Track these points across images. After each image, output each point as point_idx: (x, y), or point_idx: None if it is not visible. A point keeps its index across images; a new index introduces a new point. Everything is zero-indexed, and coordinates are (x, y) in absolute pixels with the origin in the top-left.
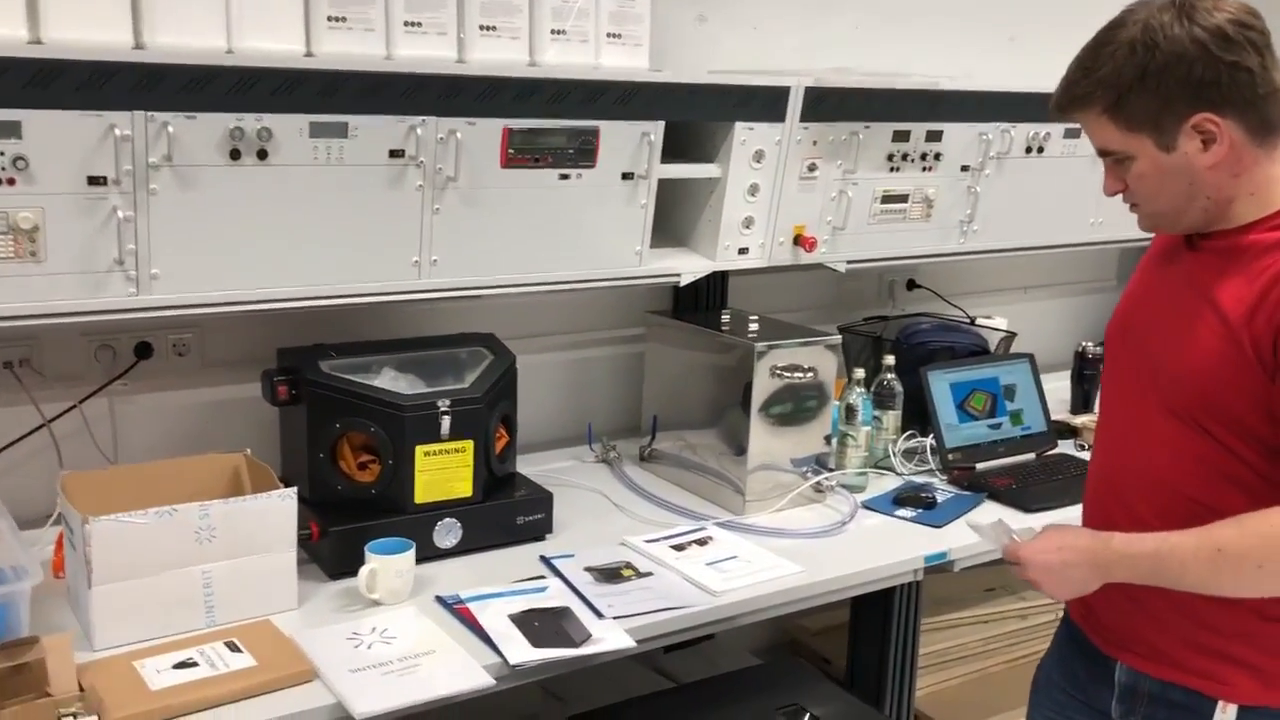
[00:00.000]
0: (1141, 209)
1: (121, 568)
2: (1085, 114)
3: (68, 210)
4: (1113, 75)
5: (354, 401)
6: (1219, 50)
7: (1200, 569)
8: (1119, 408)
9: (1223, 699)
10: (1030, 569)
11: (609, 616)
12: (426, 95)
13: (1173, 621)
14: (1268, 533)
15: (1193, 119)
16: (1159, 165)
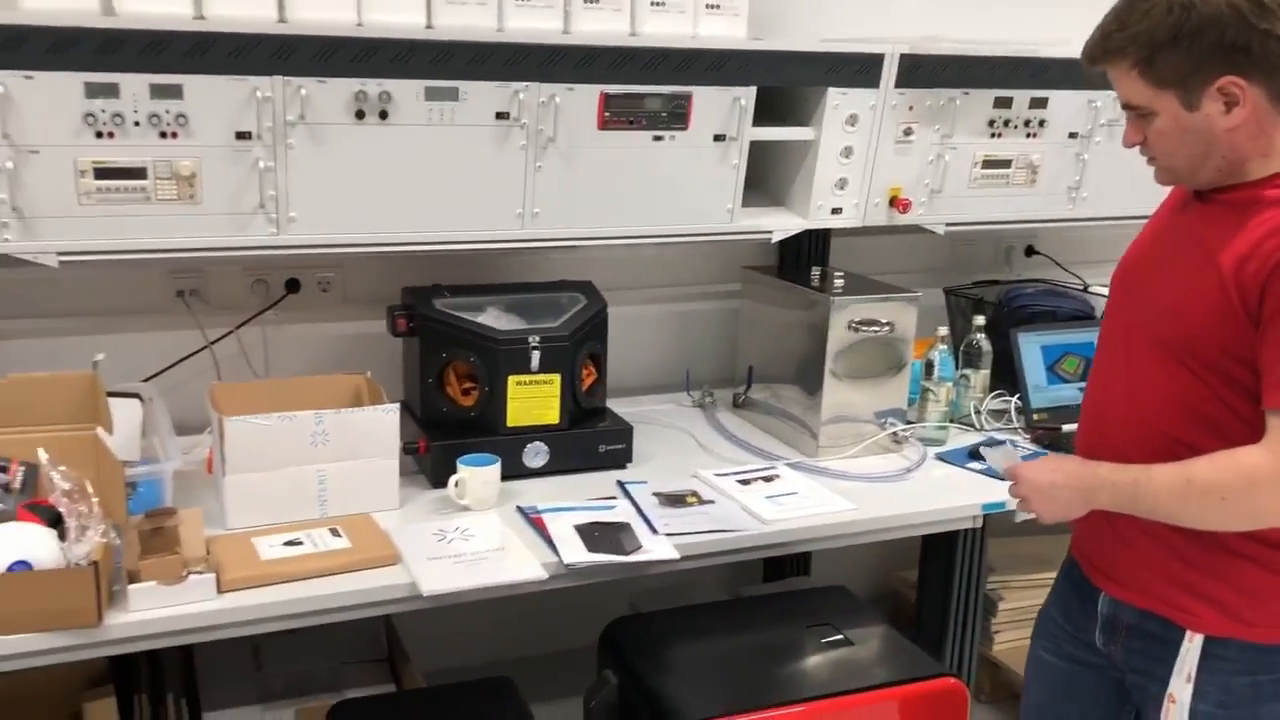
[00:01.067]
0: (1158, 163)
1: (250, 461)
2: (1116, 67)
3: (220, 160)
4: (1147, 33)
5: (458, 335)
6: (1253, 17)
7: (1172, 499)
8: (1114, 346)
9: (1190, 629)
10: (1023, 485)
11: (662, 533)
12: (529, 63)
13: (1151, 555)
14: (1234, 469)
15: (1219, 82)
16: (1180, 123)
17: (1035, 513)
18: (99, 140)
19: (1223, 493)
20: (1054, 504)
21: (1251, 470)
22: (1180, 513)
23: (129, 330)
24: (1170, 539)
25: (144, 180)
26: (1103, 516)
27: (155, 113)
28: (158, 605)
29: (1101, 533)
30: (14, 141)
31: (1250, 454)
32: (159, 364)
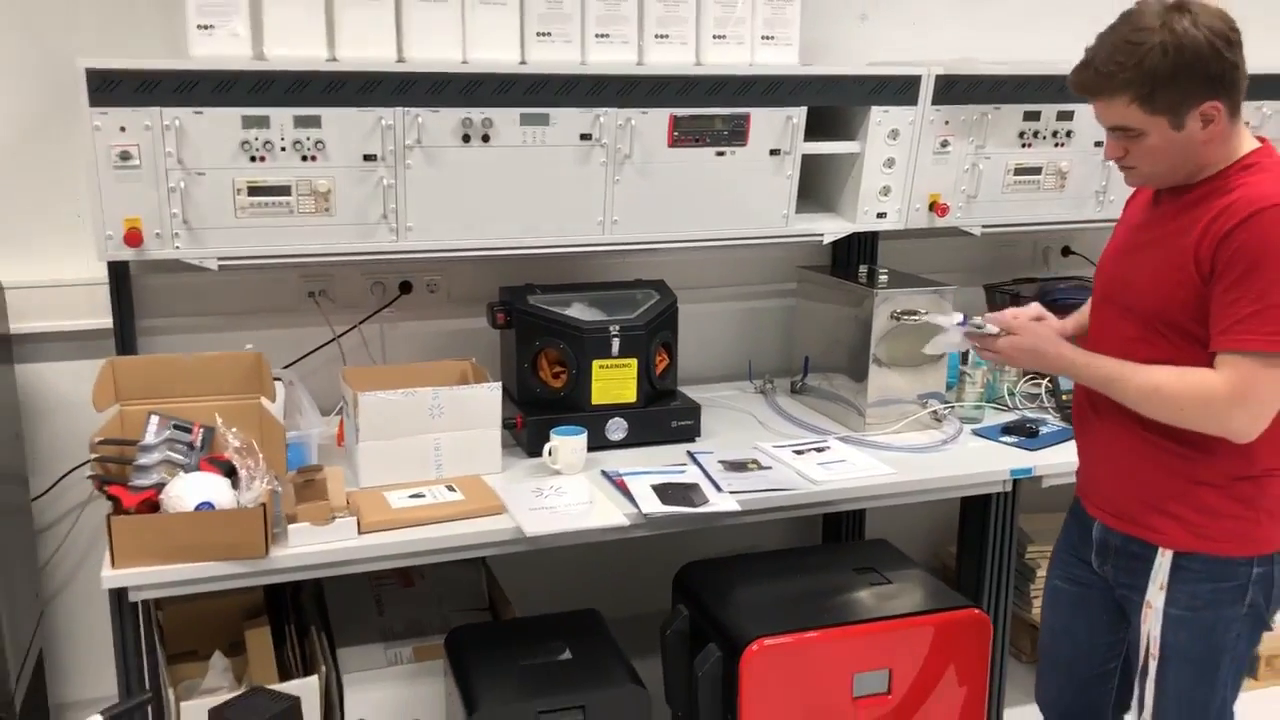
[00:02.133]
0: (1139, 171)
1: (379, 430)
2: (1112, 99)
3: (350, 179)
4: (1148, 72)
5: (549, 325)
6: (1226, 51)
7: (1140, 397)
8: (1102, 318)
9: (1162, 546)
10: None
11: (725, 490)
12: (608, 91)
13: (1132, 487)
14: (1195, 387)
15: (1202, 106)
16: (1169, 140)
17: (1007, 362)
18: (252, 163)
19: (1182, 404)
20: (1022, 360)
21: (1208, 391)
22: (1144, 407)
23: (270, 326)
24: (1148, 474)
25: (288, 196)
26: (1097, 459)
27: (298, 139)
28: (311, 542)
29: (1095, 472)
30: (185, 165)
31: (1209, 377)
32: (294, 354)
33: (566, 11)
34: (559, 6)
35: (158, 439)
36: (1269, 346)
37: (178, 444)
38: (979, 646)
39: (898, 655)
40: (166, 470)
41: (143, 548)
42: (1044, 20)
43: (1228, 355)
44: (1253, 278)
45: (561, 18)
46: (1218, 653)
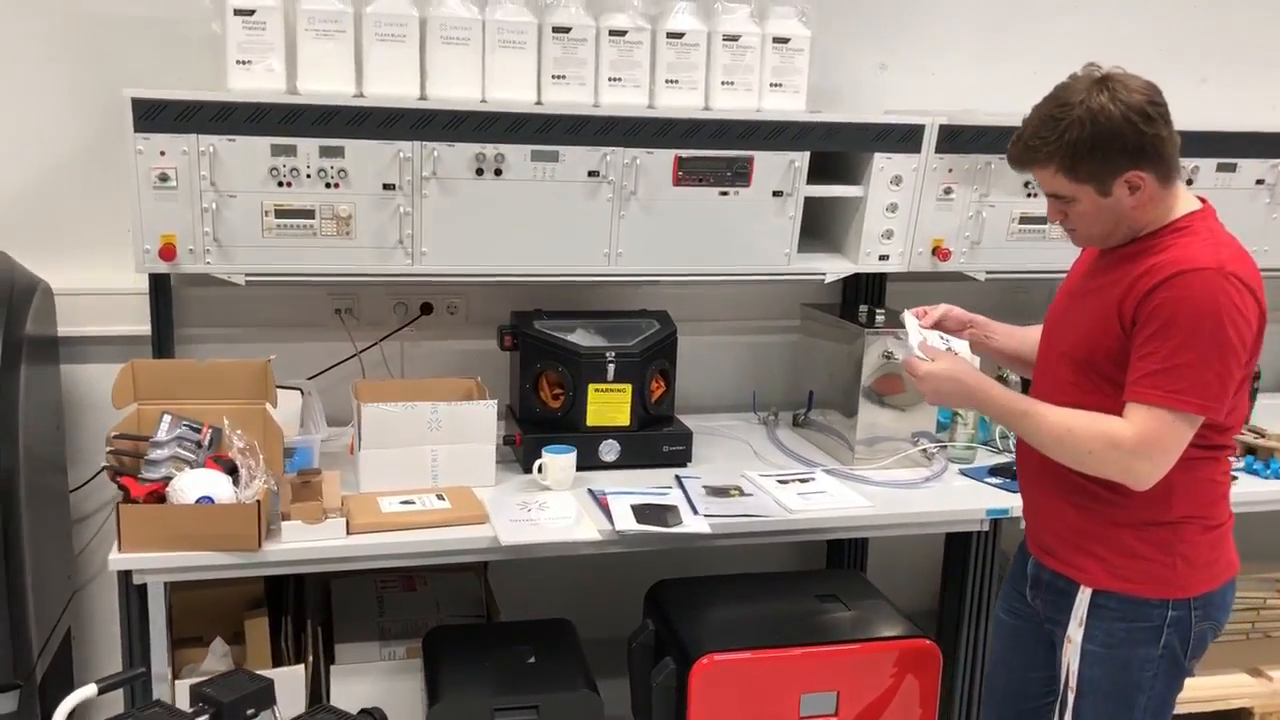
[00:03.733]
0: (1079, 234)
1: (380, 439)
2: (1042, 169)
3: (370, 206)
4: (1069, 145)
5: (550, 349)
6: (1143, 125)
7: (1051, 438)
8: (1045, 360)
9: (1082, 584)
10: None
11: (701, 513)
12: (616, 132)
13: (1056, 522)
14: (1103, 433)
15: (1125, 175)
16: (1098, 206)
17: (921, 393)
18: (280, 188)
19: (1091, 448)
20: (940, 396)
21: (1115, 437)
22: (1051, 449)
23: (299, 339)
24: (1072, 513)
25: (312, 220)
26: (1032, 495)
27: (323, 168)
28: (302, 539)
29: (1030, 507)
30: (218, 188)
31: (1118, 426)
32: (319, 367)
33: (581, 56)
34: (574, 51)
35: (169, 436)
36: (1172, 403)
37: (187, 442)
38: (928, 676)
39: (846, 679)
40: (175, 465)
41: (148, 535)
42: (1063, 68)
43: (1136, 406)
44: (1166, 335)
45: (576, 62)
46: (1133, 690)
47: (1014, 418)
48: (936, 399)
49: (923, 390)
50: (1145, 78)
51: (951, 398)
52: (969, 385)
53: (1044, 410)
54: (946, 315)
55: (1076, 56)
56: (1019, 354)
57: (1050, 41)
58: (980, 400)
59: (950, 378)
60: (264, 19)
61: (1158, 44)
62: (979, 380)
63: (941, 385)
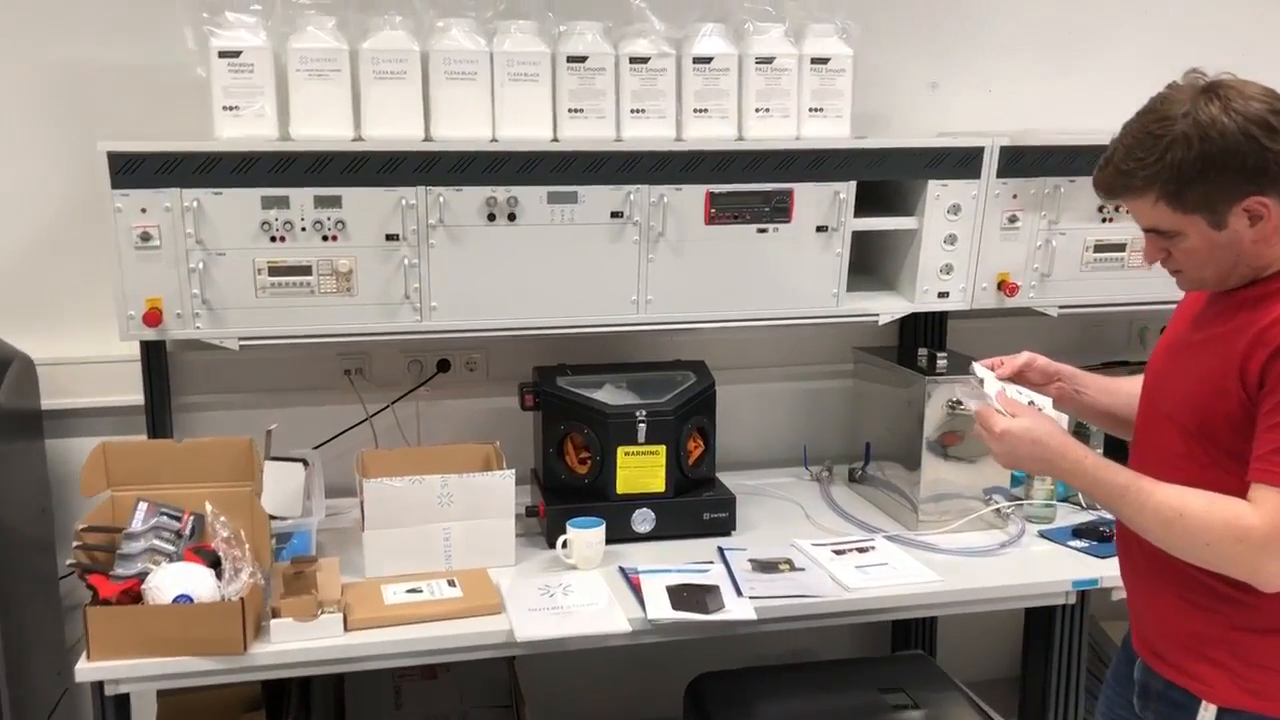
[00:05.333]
0: (1186, 276)
1: (386, 518)
2: (1139, 199)
3: (372, 258)
4: (1172, 168)
5: (575, 409)
6: (1267, 140)
7: (1158, 521)
8: (1146, 428)
9: (1205, 699)
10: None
11: (746, 595)
12: (639, 168)
13: (1168, 622)
14: (1228, 522)
15: (1244, 202)
16: (1211, 241)
17: (994, 454)
18: (273, 243)
19: (1209, 538)
20: (1015, 460)
21: (1244, 530)
22: (1160, 535)
23: (306, 403)
24: (1187, 611)
25: (309, 276)
26: (1137, 587)
27: (319, 219)
28: (294, 639)
29: (1136, 602)
30: (206, 246)
31: (1247, 514)
32: (328, 433)
33: (599, 87)
34: (592, 82)
35: (145, 526)
36: None
37: (165, 532)
38: None
39: None
40: (151, 559)
41: (120, 640)
42: (1133, 82)
43: (1266, 489)
44: None
45: (595, 93)
46: None
47: (1111, 494)
48: (1011, 462)
49: (996, 451)
50: (1261, 83)
51: (1030, 462)
52: (1054, 450)
53: (1149, 487)
54: (1029, 366)
55: (1147, 67)
56: (1116, 413)
57: (1118, 50)
58: (1068, 469)
59: (1032, 439)
60: (251, 60)
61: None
62: (1066, 444)
63: (1019, 447)
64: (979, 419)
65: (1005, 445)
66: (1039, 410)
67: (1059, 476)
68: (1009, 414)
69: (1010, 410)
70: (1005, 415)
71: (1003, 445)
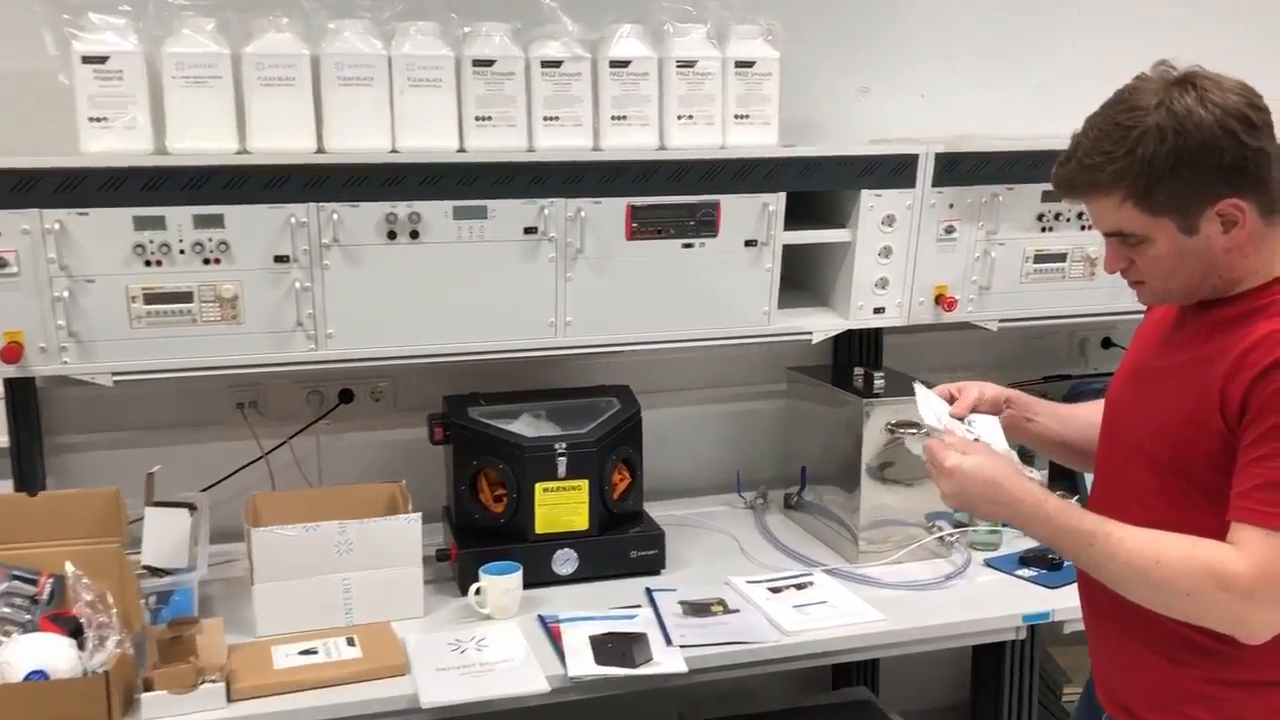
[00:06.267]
0: (1150, 287)
1: (278, 570)
2: (1104, 198)
3: (259, 283)
4: (1143, 162)
5: (488, 442)
6: (1246, 136)
7: (1125, 570)
8: (1110, 467)
9: None
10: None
11: (676, 644)
12: (554, 180)
13: (1139, 678)
14: (1209, 570)
15: (1219, 204)
16: (1179, 248)
17: (942, 493)
18: (148, 268)
19: (1189, 587)
20: (965, 500)
21: (1228, 577)
22: (1134, 586)
23: (194, 441)
24: (1167, 670)
25: (190, 304)
26: (1102, 634)
27: (199, 241)
28: (169, 714)
29: (1100, 651)
30: (71, 272)
31: (1230, 559)
32: (221, 472)
33: (509, 94)
34: (500, 88)
35: None
36: None
37: (17, 598)
38: None
39: None
40: (1, 630)
41: None
42: (1075, 87)
43: (1249, 530)
44: None
45: (503, 100)
46: None
47: (1076, 542)
48: (961, 503)
49: (944, 490)
50: (1235, 77)
51: (983, 504)
52: (1010, 492)
53: (1119, 532)
54: (980, 400)
55: (1086, 72)
56: (1071, 442)
57: (1056, 54)
58: (1026, 514)
59: (985, 479)
60: (120, 66)
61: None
62: (1024, 486)
63: (970, 487)
64: (927, 454)
65: (955, 484)
66: (990, 448)
67: (1015, 522)
68: (960, 450)
69: (961, 447)
70: (955, 450)
71: (952, 484)
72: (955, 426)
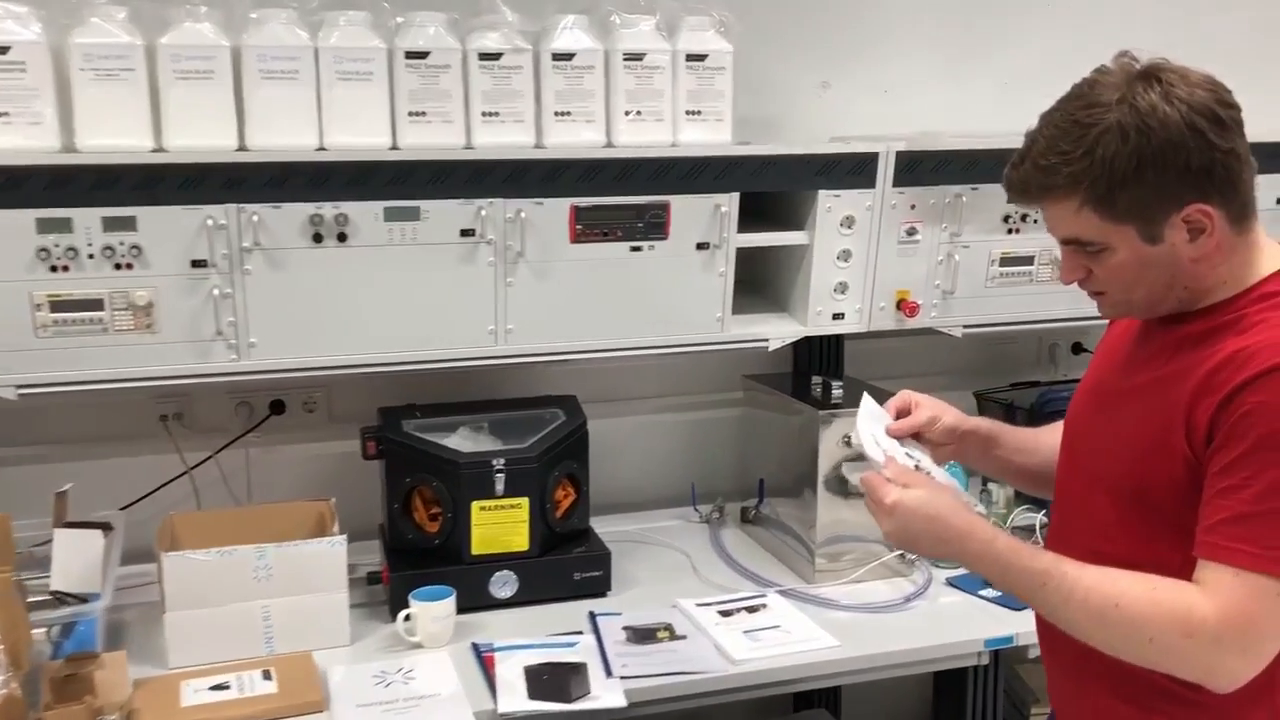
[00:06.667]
0: (1111, 299)
1: (191, 597)
2: (1061, 203)
3: (176, 289)
4: (1103, 164)
5: (422, 458)
6: (1214, 135)
7: (1082, 613)
8: (1066, 479)
9: None
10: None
11: (617, 675)
12: (492, 179)
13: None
14: (1174, 614)
15: (1185, 210)
16: (1142, 257)
17: (884, 535)
18: (54, 274)
19: (1152, 633)
20: (907, 539)
21: (1194, 623)
22: (1092, 630)
23: (114, 455)
24: (1132, 716)
25: (101, 312)
26: (1075, 691)
27: (109, 245)
28: None
29: (1069, 701)
30: None
31: (1197, 602)
32: (142, 489)
33: (445, 87)
34: (435, 82)
35: None
36: (1273, 566)
37: None
38: None
39: None
40: None
41: None
42: (1045, 84)
43: (1217, 569)
44: (1263, 459)
45: (439, 95)
46: None
47: (1029, 583)
48: (904, 541)
49: (885, 528)
50: (1203, 70)
51: (927, 542)
52: (956, 529)
53: (1075, 572)
54: (931, 425)
55: (1053, 68)
56: (1037, 473)
57: (1023, 50)
58: (974, 553)
59: (928, 515)
60: (23, 57)
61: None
62: (972, 523)
63: (913, 523)
64: (865, 488)
65: (896, 522)
66: (934, 480)
67: (962, 562)
68: (900, 482)
69: (902, 479)
70: (896, 484)
71: (893, 522)
72: (896, 453)
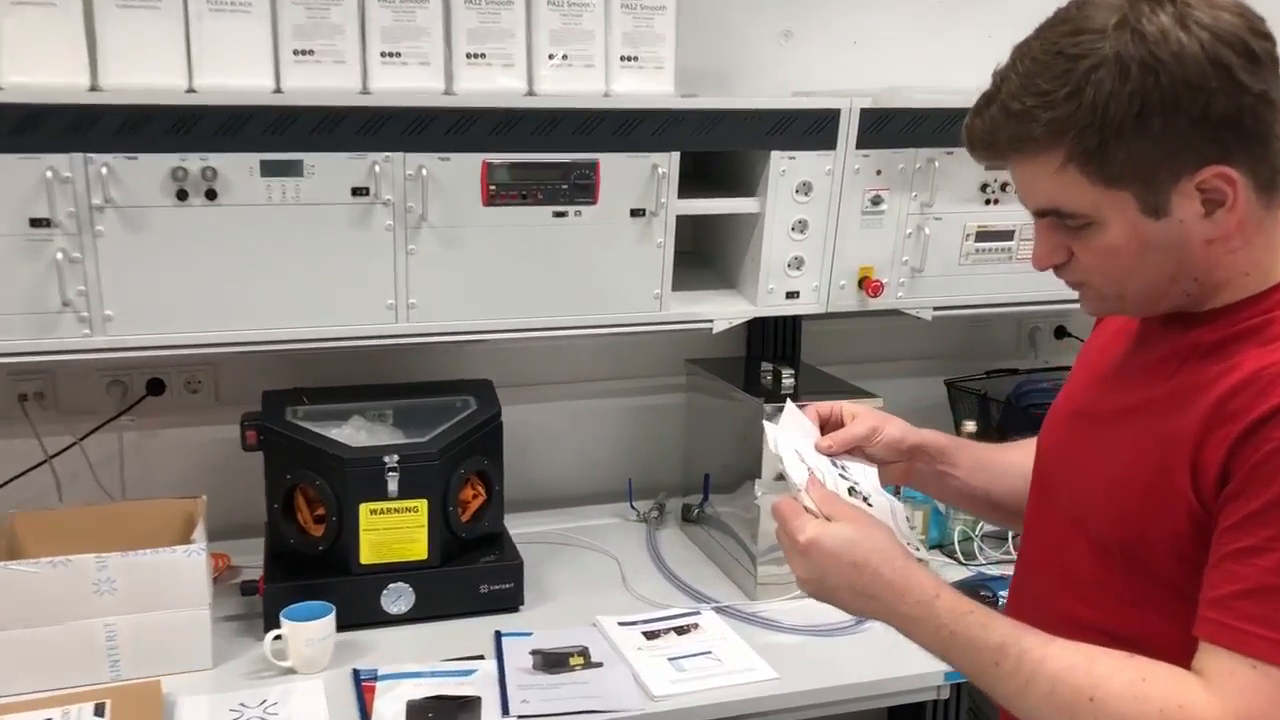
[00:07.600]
0: (1096, 290)
1: (19, 614)
2: (1036, 160)
3: (13, 253)
4: (1093, 109)
5: (304, 452)
6: (1244, 74)
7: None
8: (1037, 518)
9: None
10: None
11: (514, 714)
12: (389, 130)
13: None
14: (1167, 710)
15: (1201, 173)
16: (1140, 235)
17: (795, 576)
18: None
19: None
20: (825, 590)
21: (1187, 714)
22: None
23: None
24: None
25: None
26: None
27: None
28: None
29: None
30: None
31: (1197, 698)
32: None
33: (336, 22)
34: (325, 15)
35: None
36: None
37: None
38: None
39: None
40: None
41: None
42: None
43: (1224, 655)
44: None
45: (329, 30)
46: None
47: (977, 659)
48: (818, 590)
49: (797, 574)
50: None
51: (847, 595)
52: (885, 582)
53: (1039, 649)
54: (872, 438)
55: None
56: (1001, 502)
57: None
58: (906, 614)
59: (852, 561)
60: None
61: None
62: (907, 576)
63: (833, 573)
64: (776, 517)
65: (810, 567)
66: (867, 513)
67: (891, 624)
68: (822, 514)
69: (826, 508)
70: (817, 516)
71: (807, 566)
72: (826, 472)
